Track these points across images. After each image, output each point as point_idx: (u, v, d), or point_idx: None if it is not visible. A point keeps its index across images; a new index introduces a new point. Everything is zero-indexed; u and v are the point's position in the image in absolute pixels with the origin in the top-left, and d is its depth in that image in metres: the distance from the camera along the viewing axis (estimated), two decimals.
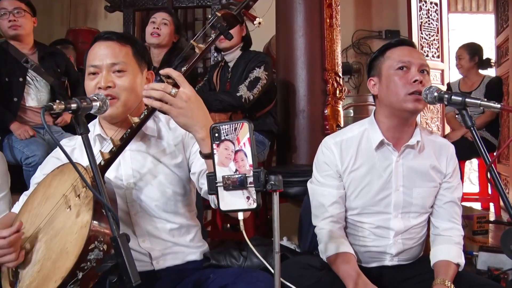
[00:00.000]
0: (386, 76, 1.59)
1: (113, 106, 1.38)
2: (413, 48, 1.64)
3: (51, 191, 1.34)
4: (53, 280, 1.14)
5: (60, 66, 2.94)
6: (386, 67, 1.60)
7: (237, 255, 1.58)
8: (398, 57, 1.58)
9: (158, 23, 2.96)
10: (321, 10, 3.01)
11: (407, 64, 1.56)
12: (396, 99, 1.55)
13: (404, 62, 1.56)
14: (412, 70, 1.55)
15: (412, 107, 1.53)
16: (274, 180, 0.85)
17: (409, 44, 1.65)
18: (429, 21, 4.87)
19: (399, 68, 1.56)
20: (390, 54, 1.61)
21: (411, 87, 1.52)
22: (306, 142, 2.84)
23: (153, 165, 1.45)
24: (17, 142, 2.64)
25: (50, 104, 1.08)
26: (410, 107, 1.53)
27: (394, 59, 1.58)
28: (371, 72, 1.68)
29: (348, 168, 1.64)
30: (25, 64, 2.75)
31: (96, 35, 1.50)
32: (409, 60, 1.56)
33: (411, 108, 1.53)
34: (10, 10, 2.71)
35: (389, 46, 1.64)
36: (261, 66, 2.72)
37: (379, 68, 1.63)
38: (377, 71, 1.64)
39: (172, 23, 3.00)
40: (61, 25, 5.45)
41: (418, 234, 1.67)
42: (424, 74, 1.56)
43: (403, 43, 1.64)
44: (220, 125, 0.88)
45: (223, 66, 2.94)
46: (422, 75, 1.55)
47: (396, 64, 1.57)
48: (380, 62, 1.63)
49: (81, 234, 1.15)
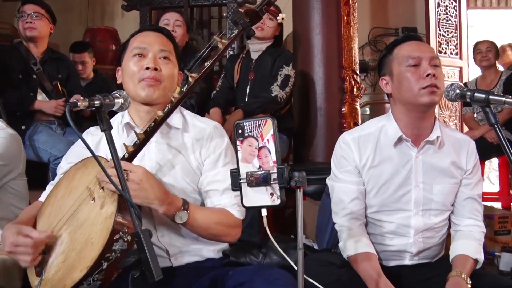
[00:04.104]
0: (397, 73, 1.58)
1: (154, 88, 1.44)
2: (421, 42, 1.63)
3: (74, 184, 1.36)
4: (78, 269, 1.16)
5: (62, 72, 2.98)
6: (397, 65, 1.59)
7: (256, 253, 1.58)
8: (407, 53, 1.57)
9: (172, 25, 2.97)
10: (338, 7, 2.99)
11: (417, 59, 1.54)
12: (410, 95, 1.54)
13: (414, 58, 1.55)
14: (424, 64, 1.54)
15: (428, 100, 1.52)
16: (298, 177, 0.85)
17: (416, 38, 1.64)
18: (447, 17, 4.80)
19: (409, 65, 1.55)
20: (399, 51, 1.60)
21: (425, 82, 1.51)
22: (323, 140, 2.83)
23: (176, 158, 1.46)
24: (42, 143, 2.68)
25: (75, 101, 1.09)
26: (426, 101, 1.52)
27: (404, 55, 1.57)
28: (382, 71, 1.66)
29: (367, 165, 1.62)
30: (33, 66, 2.84)
31: (141, 27, 1.60)
32: (418, 55, 1.55)
33: (427, 101, 1.52)
34: (29, 13, 2.81)
35: (396, 43, 1.63)
36: (289, 64, 2.77)
37: (389, 66, 1.62)
38: (388, 70, 1.63)
39: (185, 23, 3.03)
40: (79, 25, 5.51)
41: (439, 232, 1.66)
42: (435, 68, 1.55)
43: (410, 38, 1.63)
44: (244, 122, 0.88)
45: (244, 57, 2.96)
46: (434, 68, 1.54)
47: (406, 60, 1.56)
48: (390, 60, 1.62)
49: (106, 225, 1.17)
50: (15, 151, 1.81)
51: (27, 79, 2.82)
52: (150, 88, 1.43)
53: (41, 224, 1.38)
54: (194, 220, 1.36)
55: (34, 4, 2.85)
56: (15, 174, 1.82)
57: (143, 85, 1.44)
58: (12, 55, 2.82)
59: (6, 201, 1.81)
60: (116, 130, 1.45)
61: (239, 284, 1.30)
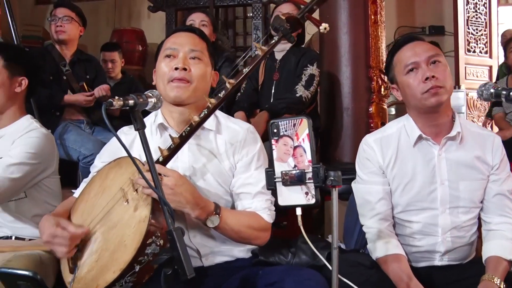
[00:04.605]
0: (400, 82, 1.62)
1: (184, 89, 1.45)
2: (416, 43, 1.62)
3: (108, 183, 1.38)
4: (111, 270, 1.18)
5: (90, 73, 3.06)
6: (398, 73, 1.62)
7: (285, 252, 1.58)
8: (404, 61, 1.59)
9: (198, 26, 2.97)
10: (365, 6, 2.95)
11: (414, 64, 1.56)
12: (416, 100, 1.57)
13: (411, 64, 1.57)
14: (422, 67, 1.55)
15: (433, 101, 1.53)
16: (334, 176, 0.84)
17: (411, 40, 1.63)
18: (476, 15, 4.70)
19: (408, 71, 1.57)
20: (397, 59, 1.63)
21: (425, 86, 1.53)
22: (350, 140, 2.80)
23: (208, 160, 1.48)
24: (71, 142, 2.75)
25: (110, 100, 1.12)
26: (431, 103, 1.54)
27: (401, 63, 1.60)
28: (390, 78, 1.69)
29: (390, 164, 1.63)
30: (62, 68, 2.93)
31: (175, 28, 1.61)
32: (414, 60, 1.56)
33: (432, 103, 1.54)
34: (60, 17, 2.91)
35: (394, 51, 1.65)
36: (313, 63, 2.76)
37: (392, 75, 1.66)
38: (394, 78, 1.66)
39: (211, 23, 3.02)
40: (106, 26, 5.61)
41: (468, 232, 1.62)
42: (436, 65, 1.56)
43: (405, 42, 1.63)
44: (279, 121, 0.89)
45: (268, 58, 2.94)
46: (434, 66, 1.55)
47: (404, 68, 1.58)
48: (392, 69, 1.65)
49: (140, 229, 1.19)
50: (49, 150, 1.85)
51: (57, 80, 2.91)
52: (179, 89, 1.44)
53: (74, 220, 1.41)
54: (225, 224, 1.38)
55: (64, 7, 2.95)
56: (49, 173, 1.86)
57: (172, 86, 1.45)
58: (44, 57, 2.91)
59: (41, 199, 1.86)
60: (149, 130, 1.47)
61: (269, 284, 1.31)
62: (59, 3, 3.03)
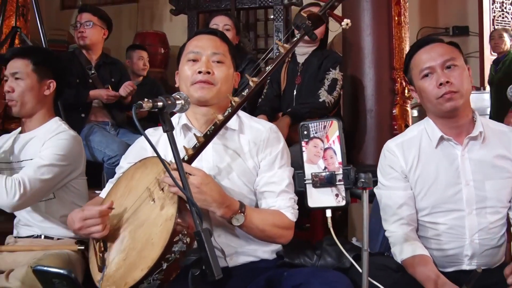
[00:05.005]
0: (417, 86, 1.62)
1: (208, 89, 1.47)
2: (432, 46, 1.60)
3: (134, 184, 1.40)
4: (139, 268, 1.19)
5: (115, 76, 3.10)
6: (414, 77, 1.62)
7: (310, 254, 1.58)
8: (419, 65, 1.59)
9: (221, 29, 2.99)
10: (389, 8, 2.94)
11: (429, 69, 1.56)
12: (431, 105, 1.58)
13: (425, 69, 1.56)
14: (437, 72, 1.54)
15: (448, 107, 1.53)
16: (365, 178, 0.84)
17: (428, 43, 1.62)
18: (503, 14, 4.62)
19: (423, 76, 1.57)
20: (413, 63, 1.62)
21: (439, 91, 1.53)
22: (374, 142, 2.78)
23: (233, 159, 1.49)
24: (96, 143, 2.79)
25: (140, 102, 1.13)
26: (446, 108, 1.54)
27: (417, 67, 1.59)
28: (409, 81, 1.69)
29: (412, 167, 1.62)
30: (88, 71, 2.99)
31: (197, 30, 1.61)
32: (429, 65, 1.56)
33: (447, 108, 1.54)
34: (82, 22, 2.96)
35: (411, 54, 1.64)
36: (336, 67, 2.73)
37: (410, 78, 1.66)
38: (412, 82, 1.65)
39: (234, 26, 3.03)
40: (129, 29, 5.69)
41: (497, 234, 1.60)
42: (451, 69, 1.55)
43: (421, 45, 1.62)
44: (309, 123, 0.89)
45: (290, 62, 2.92)
46: (449, 71, 1.54)
47: (420, 73, 1.58)
48: (410, 73, 1.65)
49: (166, 227, 1.20)
50: (77, 151, 1.89)
51: (83, 83, 2.97)
52: (203, 90, 1.46)
53: None
54: (250, 222, 1.39)
55: (87, 12, 3.00)
56: (76, 174, 1.90)
57: (195, 87, 1.47)
58: (71, 61, 2.98)
59: (68, 200, 1.89)
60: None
61: (295, 286, 1.30)
62: (82, 9, 3.08)
